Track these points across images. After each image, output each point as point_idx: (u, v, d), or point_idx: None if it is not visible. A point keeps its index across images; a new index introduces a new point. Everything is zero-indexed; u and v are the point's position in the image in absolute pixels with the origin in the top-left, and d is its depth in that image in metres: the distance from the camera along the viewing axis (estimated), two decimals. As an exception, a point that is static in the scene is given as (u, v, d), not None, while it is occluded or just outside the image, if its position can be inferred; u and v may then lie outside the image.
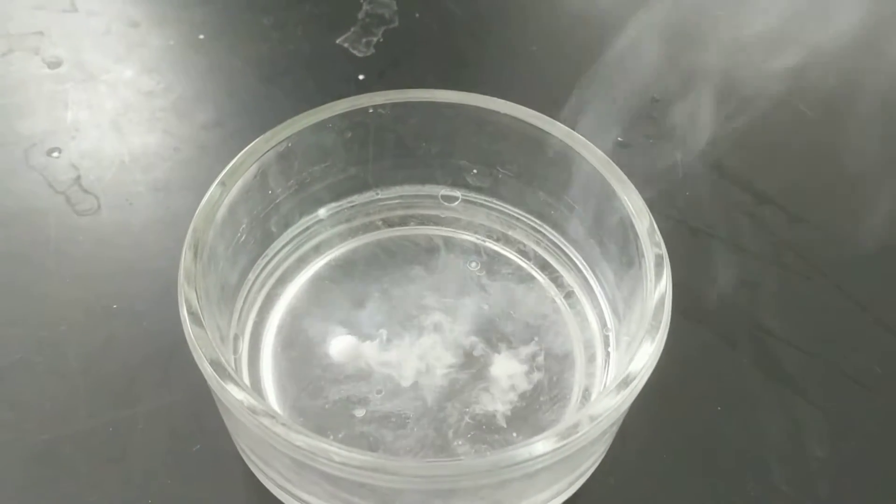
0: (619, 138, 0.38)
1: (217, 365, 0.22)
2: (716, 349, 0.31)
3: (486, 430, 0.26)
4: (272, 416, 0.21)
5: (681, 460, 0.28)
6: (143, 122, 0.38)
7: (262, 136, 0.27)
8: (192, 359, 0.23)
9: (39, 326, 0.31)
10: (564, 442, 0.21)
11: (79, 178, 0.35)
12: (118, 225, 0.34)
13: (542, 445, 0.21)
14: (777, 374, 0.31)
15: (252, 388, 0.23)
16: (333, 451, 0.20)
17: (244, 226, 0.27)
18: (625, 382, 0.22)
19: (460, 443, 0.26)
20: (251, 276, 0.29)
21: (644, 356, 0.23)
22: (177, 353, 0.29)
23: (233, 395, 0.21)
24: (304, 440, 0.21)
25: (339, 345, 0.28)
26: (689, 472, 0.28)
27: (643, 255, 0.25)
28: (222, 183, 0.25)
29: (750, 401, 0.30)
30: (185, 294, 0.23)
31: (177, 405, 0.29)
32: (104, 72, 0.40)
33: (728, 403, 0.30)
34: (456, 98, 0.29)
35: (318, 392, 0.27)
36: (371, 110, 0.29)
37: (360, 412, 0.27)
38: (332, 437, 0.22)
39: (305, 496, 0.24)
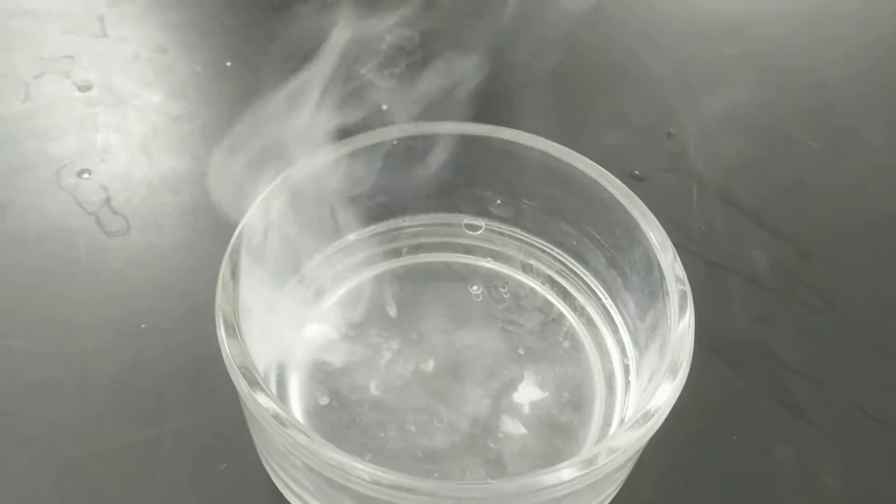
0: (636, 171, 0.39)
1: (249, 377, 0.23)
2: (731, 380, 0.32)
3: (508, 456, 0.27)
4: (301, 430, 0.22)
5: (696, 488, 0.29)
6: (172, 146, 0.39)
7: (294, 166, 0.28)
8: (220, 378, 0.24)
9: (69, 344, 0.31)
10: (590, 469, 0.21)
11: (108, 199, 0.36)
12: (147, 246, 0.35)
13: (568, 472, 0.21)
14: (792, 407, 0.31)
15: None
16: (365, 470, 0.21)
17: (276, 250, 0.28)
18: (646, 417, 0.23)
19: (485, 467, 0.27)
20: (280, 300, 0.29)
21: (665, 393, 0.23)
22: (204, 372, 0.30)
23: (262, 404, 0.22)
24: (335, 456, 0.21)
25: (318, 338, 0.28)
26: (704, 500, 0.29)
27: (667, 292, 0.26)
28: (258, 208, 0.26)
29: (764, 432, 0.31)
30: (223, 311, 0.24)
31: (204, 424, 0.29)
32: (133, 96, 0.41)
33: (743, 434, 0.30)
34: (482, 131, 0.30)
35: (344, 413, 0.28)
36: (396, 142, 0.29)
37: (385, 434, 0.27)
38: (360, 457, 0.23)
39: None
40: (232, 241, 0.25)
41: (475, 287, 0.32)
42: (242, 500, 0.28)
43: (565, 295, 0.31)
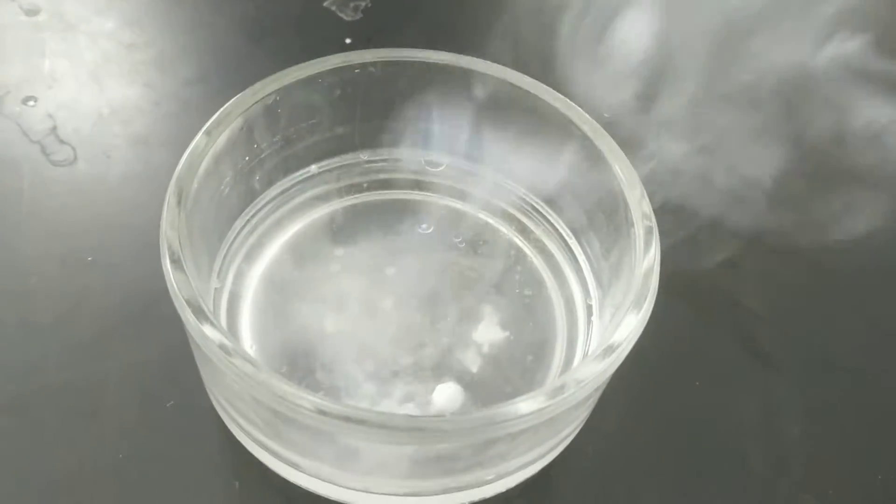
0: (605, 115, 0.38)
1: (195, 306, 0.21)
2: (695, 325, 0.31)
3: (468, 395, 0.26)
4: (247, 359, 0.21)
5: (657, 434, 0.28)
6: (124, 74, 0.37)
7: (249, 88, 0.26)
8: (168, 314, 0.23)
9: (10, 278, 0.30)
10: (550, 402, 0.21)
11: (55, 128, 0.34)
12: (95, 177, 0.33)
13: (527, 405, 0.20)
14: (756, 353, 0.31)
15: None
16: (311, 400, 0.20)
17: (228, 179, 0.26)
18: (610, 349, 0.22)
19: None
20: (232, 233, 0.28)
21: (630, 325, 0.23)
22: (152, 308, 0.29)
23: (207, 335, 0.21)
24: (282, 386, 0.20)
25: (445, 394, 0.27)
26: (664, 446, 0.28)
27: (632, 226, 0.25)
28: (207, 132, 0.25)
29: (728, 378, 0.30)
30: (168, 238, 0.22)
31: (151, 361, 0.28)
32: (84, 22, 0.39)
33: (706, 379, 0.30)
34: (448, 60, 0.28)
35: (296, 347, 0.27)
36: (359, 69, 0.28)
37: (337, 367, 0.26)
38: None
39: (282, 451, 0.23)
40: (179, 166, 0.24)
41: (435, 225, 0.30)
42: (190, 437, 0.27)
43: (528, 233, 0.30)
